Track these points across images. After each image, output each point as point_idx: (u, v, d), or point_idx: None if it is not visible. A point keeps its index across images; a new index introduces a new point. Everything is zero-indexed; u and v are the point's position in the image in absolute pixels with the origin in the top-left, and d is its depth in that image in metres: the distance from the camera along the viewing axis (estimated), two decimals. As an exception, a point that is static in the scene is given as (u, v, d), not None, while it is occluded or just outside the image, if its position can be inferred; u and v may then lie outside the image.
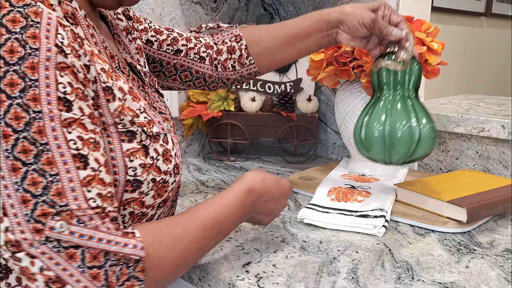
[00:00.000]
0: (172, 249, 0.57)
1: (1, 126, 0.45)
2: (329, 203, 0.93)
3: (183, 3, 1.32)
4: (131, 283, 0.51)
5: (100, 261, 0.49)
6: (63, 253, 0.47)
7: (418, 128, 0.82)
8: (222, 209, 0.65)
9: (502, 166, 1.11)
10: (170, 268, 0.57)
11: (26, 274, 0.47)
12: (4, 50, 0.45)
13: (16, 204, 0.46)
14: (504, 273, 0.71)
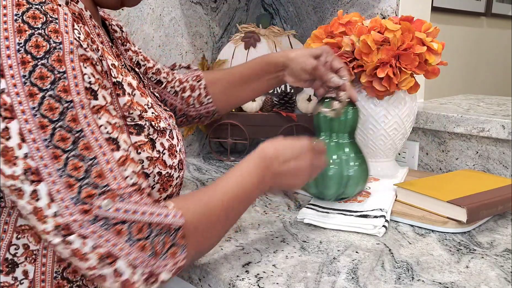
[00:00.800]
0: (203, 215, 0.60)
1: (37, 118, 0.47)
2: (329, 203, 0.93)
3: (183, 3, 1.32)
4: (174, 250, 0.55)
5: (145, 233, 0.52)
6: (111, 230, 0.50)
7: (347, 169, 0.88)
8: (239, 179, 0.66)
9: (502, 166, 1.11)
10: (204, 234, 0.60)
11: (78, 256, 0.50)
12: (30, 45, 0.47)
13: (61, 189, 0.48)
14: (504, 273, 0.71)
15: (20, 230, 0.56)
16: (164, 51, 1.29)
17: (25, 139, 0.47)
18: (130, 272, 0.52)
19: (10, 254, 0.56)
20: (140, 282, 0.53)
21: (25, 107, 0.47)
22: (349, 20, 1.04)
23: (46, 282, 0.57)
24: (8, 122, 0.47)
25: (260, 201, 1.01)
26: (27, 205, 0.49)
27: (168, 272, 0.55)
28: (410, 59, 0.98)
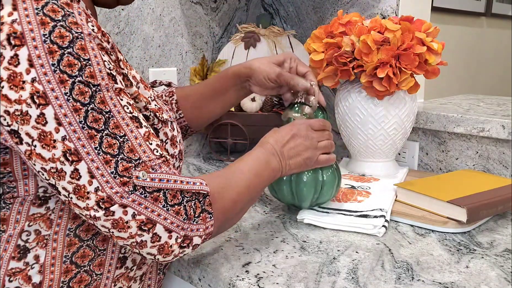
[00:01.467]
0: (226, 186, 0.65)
1: (70, 102, 0.51)
2: (329, 203, 0.93)
3: (183, 3, 1.32)
4: (204, 216, 0.60)
5: (179, 199, 0.57)
6: (149, 198, 0.55)
7: (321, 173, 0.86)
8: (253, 159, 0.72)
9: (502, 166, 1.11)
10: (229, 204, 0.65)
11: (120, 225, 0.54)
12: (55, 36, 0.50)
13: (100, 165, 0.52)
14: (504, 273, 0.71)
15: (32, 218, 0.59)
16: (164, 51, 1.29)
17: (62, 123, 0.51)
18: (167, 236, 0.56)
19: (22, 241, 0.58)
20: (176, 245, 0.58)
21: (58, 93, 0.50)
22: (349, 20, 1.04)
23: (55, 266, 0.60)
24: (43, 108, 0.50)
25: (260, 201, 1.01)
26: (68, 185, 0.53)
27: (199, 237, 0.60)
28: (410, 59, 0.98)
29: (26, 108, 0.50)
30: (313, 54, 1.07)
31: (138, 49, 1.23)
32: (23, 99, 0.50)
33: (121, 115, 0.54)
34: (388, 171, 1.11)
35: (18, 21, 0.50)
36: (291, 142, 0.77)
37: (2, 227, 0.58)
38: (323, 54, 1.05)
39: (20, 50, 0.50)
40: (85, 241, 0.62)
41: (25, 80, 0.50)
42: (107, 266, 0.64)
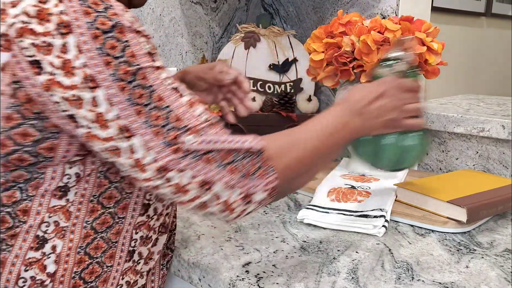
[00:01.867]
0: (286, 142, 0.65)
1: (116, 82, 0.54)
2: (329, 203, 0.93)
3: (183, 3, 1.32)
4: (262, 172, 0.60)
5: (231, 158, 0.59)
6: (202, 160, 0.57)
7: (406, 138, 0.80)
8: (323, 120, 0.70)
9: (502, 166, 1.11)
10: (293, 162, 0.64)
11: (180, 190, 0.57)
12: (98, 23, 0.53)
13: (152, 138, 0.55)
14: (504, 273, 0.71)
15: (53, 210, 0.60)
16: (164, 51, 1.29)
17: (112, 103, 0.54)
18: (227, 194, 0.58)
19: (41, 232, 0.60)
20: (238, 202, 0.59)
21: (105, 75, 0.53)
22: (349, 20, 1.04)
23: (70, 256, 0.61)
24: (94, 91, 0.53)
25: (260, 201, 1.01)
26: (126, 160, 0.56)
27: (262, 192, 0.60)
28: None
29: (79, 93, 0.53)
30: (313, 54, 1.07)
31: (138, 49, 1.23)
32: (76, 85, 0.53)
33: (162, 88, 0.56)
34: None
35: (65, 12, 0.53)
36: (377, 101, 0.73)
37: (23, 218, 0.60)
38: (323, 54, 1.05)
39: (68, 38, 0.52)
40: (100, 233, 0.63)
41: (75, 66, 0.53)
42: (117, 259, 0.65)
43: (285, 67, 1.38)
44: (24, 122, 0.55)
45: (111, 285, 0.66)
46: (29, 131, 0.56)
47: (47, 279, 0.61)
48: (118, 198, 0.63)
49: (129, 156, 0.55)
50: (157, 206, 0.68)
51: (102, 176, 0.61)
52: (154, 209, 0.67)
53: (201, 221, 0.90)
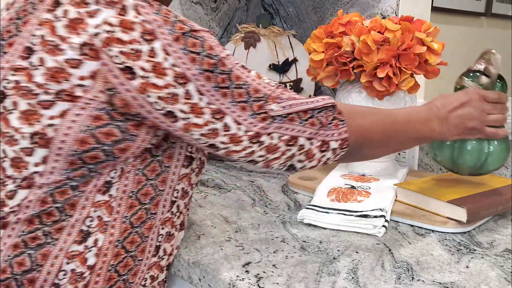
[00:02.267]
0: (367, 112, 0.74)
1: (203, 73, 0.60)
2: (329, 203, 0.93)
3: (183, 3, 1.32)
4: (336, 122, 0.68)
5: (309, 114, 0.67)
6: (286, 121, 0.65)
7: (488, 145, 0.86)
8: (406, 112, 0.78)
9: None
10: (367, 124, 0.72)
11: (272, 149, 0.65)
12: (177, 28, 0.60)
13: (240, 113, 0.62)
14: (504, 273, 0.71)
15: (97, 204, 0.63)
16: (164, 51, 1.29)
17: (202, 92, 0.60)
18: (308, 144, 0.67)
19: (85, 226, 0.62)
20: (316, 150, 0.68)
21: (193, 70, 0.59)
22: (349, 20, 1.04)
23: (109, 250, 0.64)
24: (186, 86, 0.59)
25: (260, 201, 1.01)
26: (223, 138, 0.63)
27: (336, 141, 0.68)
28: (410, 59, 0.98)
29: (173, 90, 0.59)
30: (313, 54, 1.07)
31: (138, 49, 1.23)
32: (169, 83, 0.58)
33: (236, 68, 0.63)
34: (388, 171, 1.11)
35: (146, 21, 0.58)
36: (459, 110, 0.79)
37: (70, 212, 0.62)
38: (323, 54, 1.05)
39: (154, 43, 0.58)
40: (136, 228, 0.66)
41: (166, 67, 0.58)
42: (146, 253, 0.68)
43: (285, 67, 1.38)
44: (111, 123, 0.59)
45: (139, 278, 0.69)
46: (113, 131, 0.60)
47: (87, 271, 0.63)
48: (152, 194, 0.66)
49: (224, 134, 0.62)
50: (180, 204, 0.71)
51: (140, 173, 0.64)
52: (177, 206, 0.70)
53: (201, 221, 0.90)
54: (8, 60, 0.60)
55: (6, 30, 0.62)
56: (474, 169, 0.89)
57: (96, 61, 0.56)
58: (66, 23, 0.57)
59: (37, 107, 0.58)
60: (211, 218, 0.91)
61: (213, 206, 0.98)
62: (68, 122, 0.58)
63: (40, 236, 0.61)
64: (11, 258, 0.61)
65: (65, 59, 0.57)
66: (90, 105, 0.58)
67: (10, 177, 0.60)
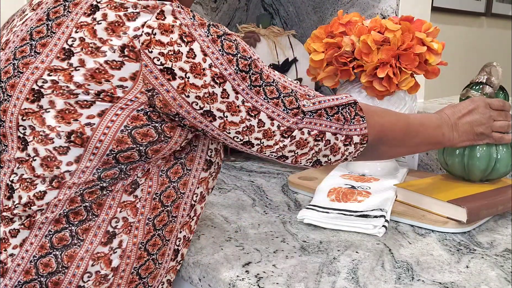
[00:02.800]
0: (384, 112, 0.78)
1: (239, 74, 0.62)
2: (329, 203, 0.93)
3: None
4: (358, 118, 0.71)
5: (335, 110, 0.70)
6: (315, 116, 0.68)
7: (496, 151, 0.93)
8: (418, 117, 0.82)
9: (502, 166, 1.11)
10: (385, 123, 0.76)
11: (302, 144, 0.68)
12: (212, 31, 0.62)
13: (274, 109, 0.65)
14: (504, 273, 0.71)
15: (123, 205, 0.63)
16: (164, 51, 1.29)
17: (238, 91, 0.62)
18: (334, 138, 0.70)
19: (111, 227, 0.63)
20: (341, 144, 0.71)
21: (230, 70, 0.62)
22: (349, 20, 1.04)
23: (132, 252, 0.65)
24: (223, 85, 0.61)
25: (260, 201, 1.01)
26: (258, 134, 0.65)
27: (357, 135, 0.71)
28: (410, 59, 0.98)
29: (211, 90, 0.61)
30: (313, 54, 1.07)
31: (138, 49, 1.23)
32: (207, 83, 0.60)
33: (265, 69, 0.66)
34: (388, 171, 1.11)
35: (184, 24, 0.60)
36: (467, 116, 0.85)
37: (96, 212, 0.62)
38: (323, 54, 1.05)
39: (193, 45, 0.60)
40: (158, 230, 0.66)
41: (205, 68, 0.60)
42: (166, 257, 0.69)
43: (285, 67, 1.38)
44: (149, 123, 0.60)
45: (157, 282, 0.70)
46: (150, 132, 0.61)
47: (110, 273, 0.63)
48: (174, 197, 0.67)
49: (260, 129, 0.65)
50: (197, 208, 0.72)
51: (164, 174, 0.65)
52: (195, 210, 0.71)
53: (201, 221, 0.90)
54: (43, 60, 0.60)
55: (36, 30, 0.63)
56: (484, 174, 0.94)
57: (136, 62, 0.58)
58: (105, 26, 0.59)
59: (76, 106, 0.58)
60: (211, 218, 0.91)
61: (213, 206, 0.98)
62: (107, 122, 0.59)
63: (67, 236, 0.61)
64: (37, 259, 0.61)
65: (105, 61, 0.58)
66: (130, 106, 0.59)
67: (39, 176, 0.60)
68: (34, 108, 0.59)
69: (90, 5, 0.61)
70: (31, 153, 0.60)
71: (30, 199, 0.60)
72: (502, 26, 2.79)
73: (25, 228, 0.61)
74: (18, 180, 0.61)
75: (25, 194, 0.61)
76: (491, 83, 0.93)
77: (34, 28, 0.63)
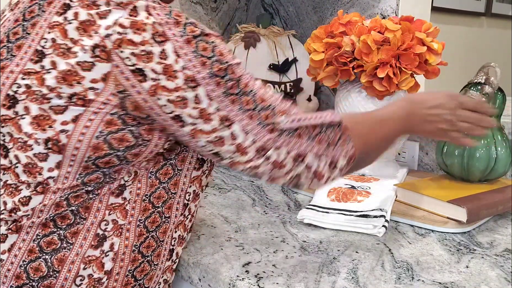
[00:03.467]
0: (357, 121, 0.71)
1: (213, 78, 0.58)
2: (329, 203, 0.93)
3: (183, 3, 1.32)
4: (344, 139, 0.66)
5: (317, 130, 0.64)
6: (295, 135, 0.62)
7: (495, 152, 0.94)
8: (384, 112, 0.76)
9: (502, 166, 1.11)
10: (362, 134, 0.69)
11: (278, 165, 0.62)
12: (188, 31, 0.58)
13: (248, 121, 0.60)
14: (504, 273, 0.71)
15: (112, 207, 0.62)
16: (164, 51, 1.29)
17: (211, 98, 0.59)
18: (317, 163, 0.64)
19: (100, 230, 0.62)
20: (325, 169, 0.65)
21: (203, 74, 0.58)
22: (349, 20, 1.04)
23: (125, 254, 0.64)
24: (195, 90, 0.58)
25: (260, 201, 1.01)
26: (230, 147, 0.60)
27: (343, 158, 0.66)
28: (410, 59, 0.98)
29: (183, 94, 0.57)
30: (313, 54, 1.07)
31: (138, 49, 1.23)
32: (179, 86, 0.57)
33: (245, 76, 0.61)
34: (388, 171, 1.11)
35: (158, 23, 0.57)
36: (434, 109, 0.79)
37: (84, 215, 0.61)
38: (323, 54, 1.05)
39: (166, 45, 0.57)
40: (151, 232, 0.66)
41: (176, 70, 0.57)
42: (161, 257, 0.69)
43: (285, 67, 1.38)
44: (124, 128, 0.58)
45: (154, 283, 0.69)
46: (127, 137, 0.59)
47: (104, 277, 0.62)
48: (165, 198, 0.66)
49: (231, 143, 0.60)
50: (191, 206, 0.71)
51: (153, 176, 0.64)
52: (189, 209, 0.71)
53: (201, 221, 0.90)
54: (18, 63, 0.59)
55: (13, 32, 0.62)
56: (483, 175, 0.95)
57: (107, 63, 0.56)
58: (77, 25, 0.57)
59: (50, 112, 0.57)
60: (211, 218, 0.91)
61: (213, 206, 0.98)
62: (81, 128, 0.57)
63: (56, 240, 0.60)
64: (26, 263, 0.60)
65: (77, 62, 0.56)
66: (103, 110, 0.57)
67: (24, 182, 0.59)
68: (10, 115, 0.59)
69: (63, 3, 0.59)
70: (13, 160, 0.59)
71: (16, 204, 0.60)
72: (502, 26, 2.79)
73: (12, 233, 0.60)
74: (2, 185, 0.60)
75: (10, 199, 0.60)
76: (491, 83, 0.93)
77: (11, 29, 0.62)
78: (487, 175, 0.96)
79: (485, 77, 0.95)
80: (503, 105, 0.97)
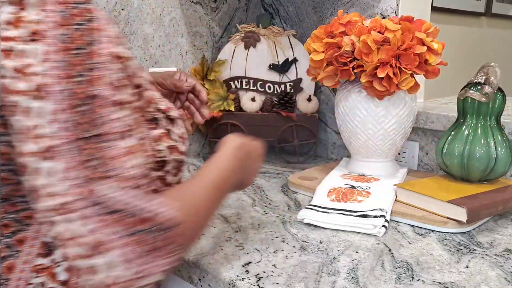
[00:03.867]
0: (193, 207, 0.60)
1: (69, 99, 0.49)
2: (329, 203, 0.93)
3: (183, 3, 1.32)
4: (171, 249, 0.53)
5: (141, 227, 0.51)
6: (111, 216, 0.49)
7: (495, 152, 0.94)
8: (225, 165, 0.68)
9: (502, 166, 1.11)
10: (194, 228, 0.59)
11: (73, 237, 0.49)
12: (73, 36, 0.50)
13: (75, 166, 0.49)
14: (504, 273, 0.71)
15: None
16: (164, 51, 1.29)
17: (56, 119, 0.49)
18: (121, 268, 0.49)
19: (48, 238, 0.58)
20: (129, 281, 0.50)
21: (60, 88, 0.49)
22: (349, 20, 1.04)
23: None
24: (42, 101, 0.49)
25: (260, 201, 1.01)
26: (39, 181, 0.49)
27: (160, 274, 0.52)
28: (410, 59, 0.98)
29: (27, 100, 0.49)
30: (313, 54, 1.07)
31: (138, 49, 1.23)
32: (25, 90, 0.49)
33: (110, 124, 0.51)
34: (388, 171, 1.11)
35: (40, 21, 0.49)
36: (257, 162, 0.78)
37: (27, 221, 0.58)
38: (323, 54, 1.05)
39: (36, 44, 0.49)
40: None
41: (34, 72, 0.49)
42: None
43: (285, 67, 1.38)
44: None
45: None
46: None
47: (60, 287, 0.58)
48: None
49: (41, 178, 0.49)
50: None
51: None
52: None
53: (201, 221, 0.90)
54: None
55: None
56: (483, 175, 0.95)
57: None
58: None
59: None
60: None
61: (213, 206, 0.98)
62: None
63: (3, 248, 0.58)
64: None
65: None
66: None
67: None
68: None
69: None
70: None
71: None
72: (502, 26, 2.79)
73: None
74: None
75: None
76: (491, 83, 0.93)
77: None
78: (487, 175, 0.96)
79: (485, 77, 0.95)
80: (503, 105, 0.97)
